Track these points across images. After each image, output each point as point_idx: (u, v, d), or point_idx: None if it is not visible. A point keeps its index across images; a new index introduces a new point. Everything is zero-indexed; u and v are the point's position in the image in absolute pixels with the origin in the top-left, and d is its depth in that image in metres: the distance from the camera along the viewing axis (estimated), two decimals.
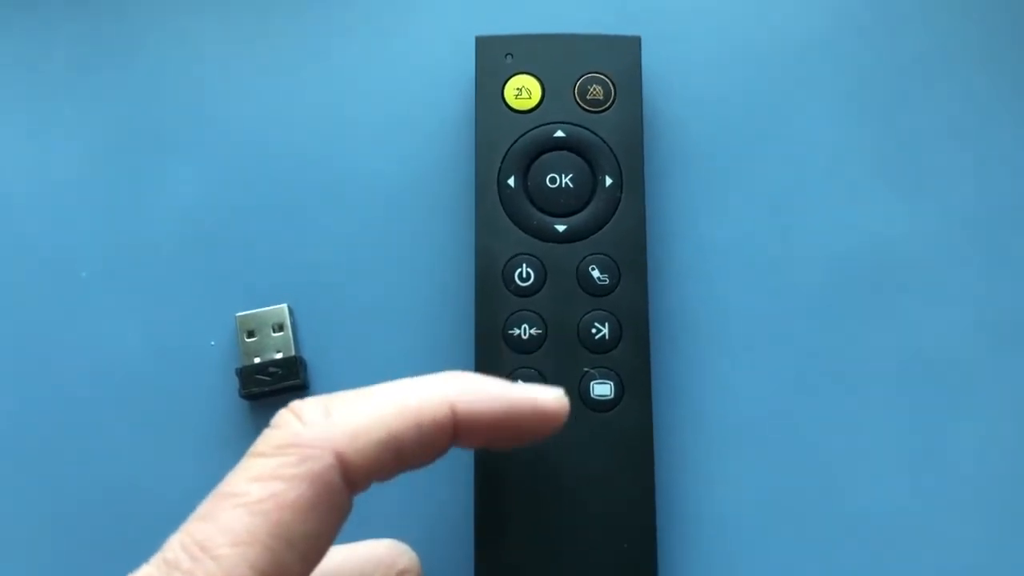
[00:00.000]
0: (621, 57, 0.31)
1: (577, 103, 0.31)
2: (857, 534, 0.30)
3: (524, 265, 0.30)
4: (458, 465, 0.30)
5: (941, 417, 0.31)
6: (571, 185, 0.31)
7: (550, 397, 0.24)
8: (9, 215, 0.33)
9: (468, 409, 0.23)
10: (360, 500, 0.31)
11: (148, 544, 0.30)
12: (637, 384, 0.29)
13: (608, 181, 0.31)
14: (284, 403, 0.31)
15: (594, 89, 0.31)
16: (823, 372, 0.31)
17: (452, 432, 0.23)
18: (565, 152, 0.31)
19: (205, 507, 0.21)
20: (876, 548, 0.30)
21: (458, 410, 0.23)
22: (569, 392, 0.29)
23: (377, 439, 0.22)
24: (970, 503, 0.31)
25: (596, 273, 0.30)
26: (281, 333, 0.31)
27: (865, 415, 0.31)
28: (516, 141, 0.31)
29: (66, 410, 0.32)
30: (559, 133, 0.31)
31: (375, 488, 0.31)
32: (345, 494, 0.22)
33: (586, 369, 0.29)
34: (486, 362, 0.30)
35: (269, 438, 0.22)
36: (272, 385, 0.31)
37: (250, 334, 0.31)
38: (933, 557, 0.30)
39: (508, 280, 0.30)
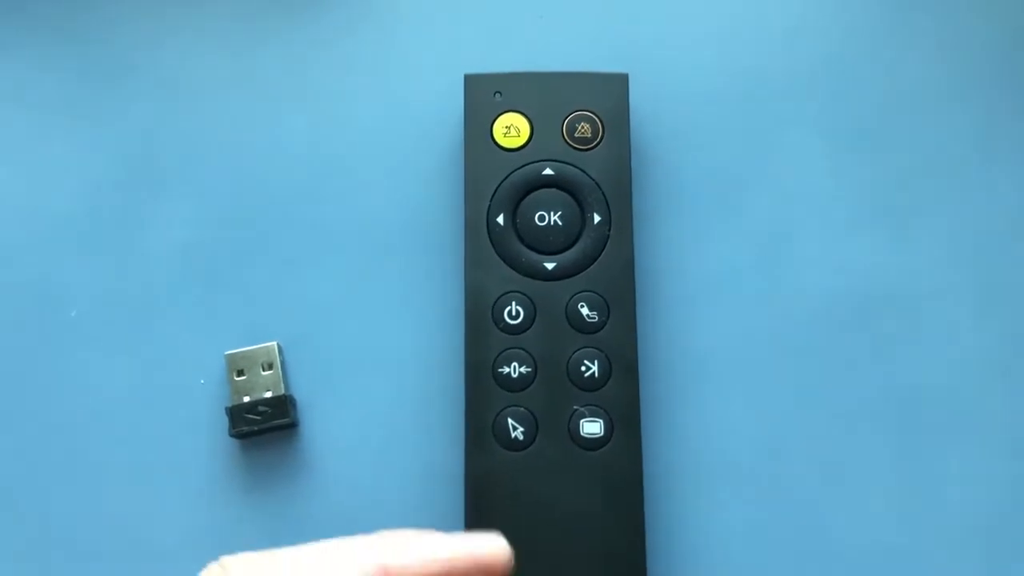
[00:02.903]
0: (609, 95, 0.32)
1: (565, 141, 0.31)
2: (846, 569, 0.31)
3: (513, 303, 0.30)
4: (449, 502, 0.30)
5: (930, 453, 0.31)
6: (560, 223, 0.31)
7: (491, 548, 0.24)
8: None
9: (402, 574, 0.22)
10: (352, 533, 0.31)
11: None
12: (627, 421, 0.29)
13: (596, 218, 0.31)
14: (274, 442, 0.31)
15: (582, 127, 0.31)
16: (812, 408, 0.32)
17: None
18: (554, 190, 0.31)
19: None
20: None
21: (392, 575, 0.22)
22: (559, 430, 0.29)
23: None
24: (959, 538, 0.31)
25: (585, 310, 0.30)
26: (271, 371, 0.31)
27: (853, 450, 0.31)
28: (505, 179, 0.31)
29: (54, 449, 0.32)
30: (547, 171, 0.31)
31: (367, 522, 0.31)
32: None
33: (576, 407, 0.29)
34: (476, 400, 0.30)
35: None
36: (262, 424, 0.31)
37: (239, 372, 0.31)
38: None
39: (497, 318, 0.30)
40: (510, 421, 0.29)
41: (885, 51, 0.34)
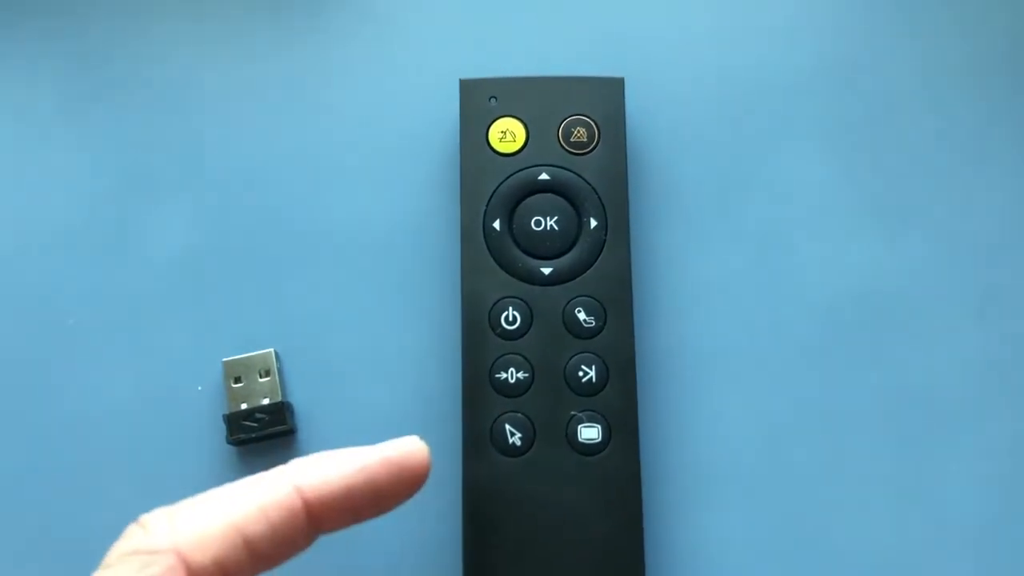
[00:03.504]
0: (605, 99, 0.32)
1: (561, 145, 0.31)
2: (846, 572, 0.30)
3: (510, 308, 0.30)
4: (447, 508, 0.30)
5: (930, 457, 0.31)
6: (556, 227, 0.31)
7: (406, 449, 0.24)
8: None
9: (318, 491, 0.23)
10: (349, 540, 0.31)
11: None
12: (624, 427, 0.29)
13: (593, 223, 0.31)
14: (272, 449, 0.31)
15: (578, 131, 0.31)
16: (811, 412, 0.31)
17: (308, 518, 0.23)
18: (550, 195, 0.31)
19: None
20: None
21: (307, 495, 0.23)
22: (557, 436, 0.29)
23: (222, 537, 0.22)
24: (959, 543, 0.31)
25: (582, 315, 0.30)
26: (268, 378, 0.31)
27: (853, 455, 0.31)
28: (501, 184, 0.31)
29: (52, 458, 0.31)
30: (544, 176, 0.31)
31: (364, 531, 0.31)
32: None
33: (573, 412, 0.29)
34: (473, 406, 0.29)
35: (114, 549, 0.22)
36: (259, 431, 0.31)
37: (237, 380, 0.31)
38: None
39: (494, 323, 0.30)
40: (507, 427, 0.29)
41: (881, 53, 0.34)
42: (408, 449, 0.24)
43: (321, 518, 0.23)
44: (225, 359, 0.31)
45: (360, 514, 0.24)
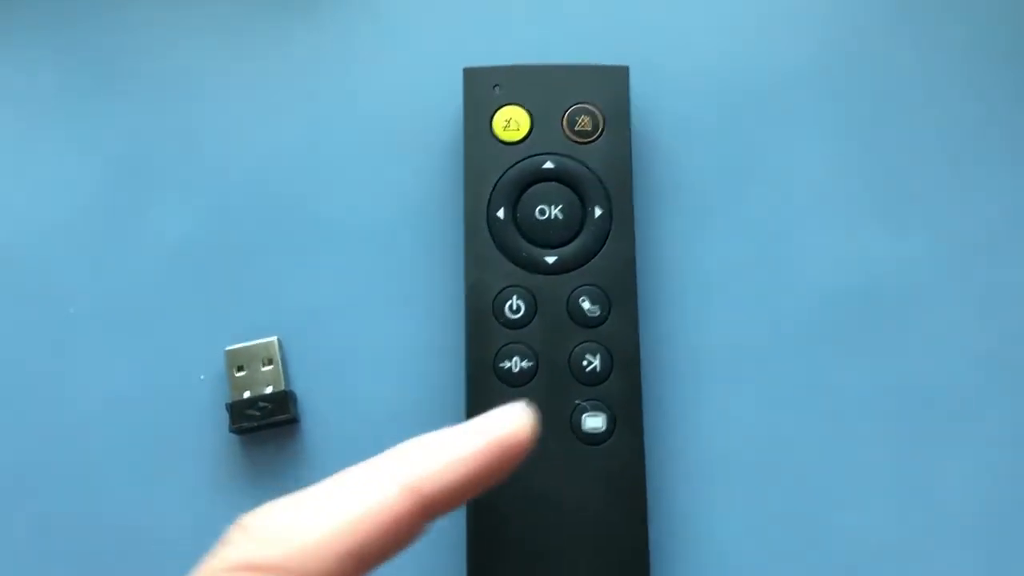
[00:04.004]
0: (609, 87, 0.31)
1: (566, 134, 0.31)
2: (850, 565, 0.30)
3: (514, 297, 0.30)
4: None
5: (931, 449, 0.31)
6: (560, 216, 0.31)
7: (512, 427, 0.22)
8: None
9: (434, 487, 0.21)
10: None
11: None
12: (629, 416, 0.29)
13: (597, 212, 0.31)
14: (275, 438, 0.31)
15: (583, 120, 0.31)
16: (814, 403, 0.31)
17: (423, 515, 0.21)
18: (554, 183, 0.31)
19: None
20: None
21: (424, 492, 0.21)
22: (561, 426, 0.29)
23: (336, 553, 0.20)
24: (960, 535, 0.31)
25: (587, 305, 0.30)
26: (271, 367, 0.31)
27: (856, 446, 0.31)
28: (505, 173, 0.31)
29: (55, 447, 0.31)
30: (548, 164, 0.31)
31: None
32: None
33: (578, 402, 0.29)
34: (477, 396, 0.29)
35: (218, 557, 0.20)
36: (262, 420, 0.30)
37: (240, 368, 0.31)
38: None
39: (498, 313, 0.30)
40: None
41: (886, 45, 0.34)
42: (515, 425, 0.23)
43: (435, 511, 0.22)
44: (228, 348, 0.31)
45: (465, 499, 0.23)
